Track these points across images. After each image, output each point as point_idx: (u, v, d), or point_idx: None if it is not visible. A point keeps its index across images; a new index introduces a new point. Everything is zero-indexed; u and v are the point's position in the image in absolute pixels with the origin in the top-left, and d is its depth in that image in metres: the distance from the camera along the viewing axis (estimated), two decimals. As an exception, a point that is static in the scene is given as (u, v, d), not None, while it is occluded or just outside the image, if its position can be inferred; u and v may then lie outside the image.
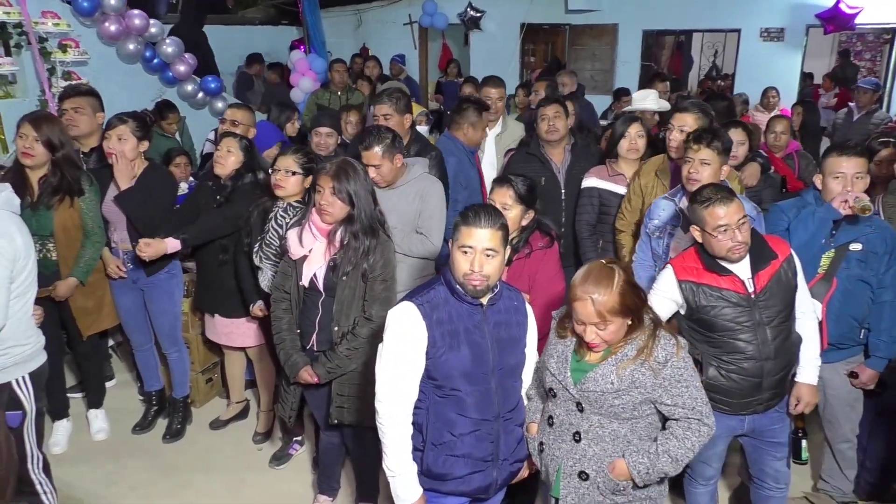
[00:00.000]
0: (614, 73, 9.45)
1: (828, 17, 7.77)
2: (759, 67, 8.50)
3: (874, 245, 2.93)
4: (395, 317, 2.27)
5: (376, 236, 2.89)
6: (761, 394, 2.64)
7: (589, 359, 2.22)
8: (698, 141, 3.06)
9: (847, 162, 2.92)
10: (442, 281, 2.32)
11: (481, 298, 2.29)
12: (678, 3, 8.68)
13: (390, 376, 2.25)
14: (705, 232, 2.57)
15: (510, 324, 2.37)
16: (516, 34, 9.70)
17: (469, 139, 4.25)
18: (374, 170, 3.31)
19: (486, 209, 2.24)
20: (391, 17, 10.64)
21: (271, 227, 3.35)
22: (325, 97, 6.96)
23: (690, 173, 3.06)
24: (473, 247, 2.19)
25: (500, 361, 2.33)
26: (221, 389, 4.42)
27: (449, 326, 2.26)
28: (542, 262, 3.02)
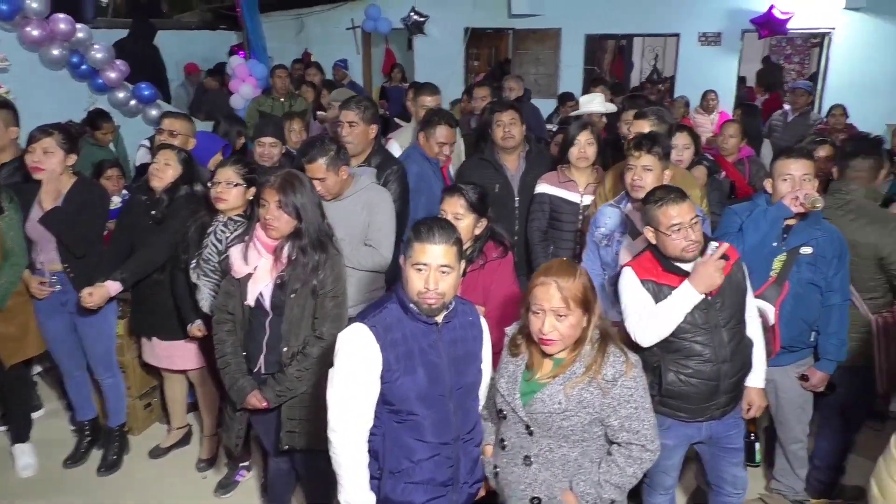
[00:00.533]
0: (558, 77, 9.51)
1: (762, 22, 7.98)
2: (698, 71, 8.68)
3: (823, 249, 2.97)
4: (346, 340, 2.15)
5: (325, 251, 2.76)
6: (718, 398, 2.65)
7: (539, 377, 2.15)
8: (639, 147, 3.09)
9: (794, 164, 2.95)
10: (394, 299, 2.21)
11: (436, 317, 2.20)
12: (619, 8, 8.79)
13: (343, 403, 2.13)
14: (659, 232, 2.58)
15: (466, 340, 2.29)
16: (460, 39, 9.67)
17: (433, 152, 4.03)
18: (318, 183, 3.18)
19: (438, 223, 2.15)
20: (334, 22, 10.47)
21: (210, 242, 3.19)
22: (268, 104, 6.77)
23: (634, 180, 3.09)
24: (428, 264, 2.09)
25: (458, 381, 2.24)
26: (161, 415, 4.19)
27: (403, 347, 2.15)
28: (497, 273, 2.96)
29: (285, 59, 9.65)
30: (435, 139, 3.95)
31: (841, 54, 8.09)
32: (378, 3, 9.75)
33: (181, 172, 3.44)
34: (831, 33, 8.10)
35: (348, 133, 3.76)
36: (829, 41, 8.19)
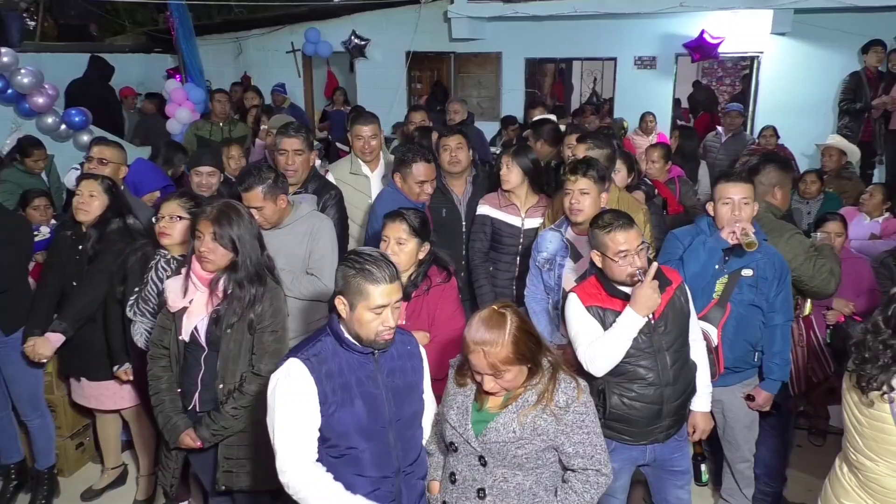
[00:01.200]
0: (500, 100, 9.60)
1: (694, 46, 8.24)
2: (635, 93, 8.89)
3: (764, 270, 3.03)
4: (281, 377, 2.08)
5: (263, 283, 2.68)
6: (662, 421, 2.66)
7: (490, 406, 2.12)
8: (574, 172, 3.13)
9: (734, 188, 3.00)
10: (328, 332, 2.16)
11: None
12: (558, 33, 8.95)
13: (289, 442, 2.06)
14: (606, 257, 2.59)
15: (405, 370, 2.25)
16: (402, 62, 9.68)
17: (414, 193, 3.64)
18: (256, 212, 3.11)
19: (379, 262, 2.10)
20: (273, 45, 10.35)
21: (150, 279, 3.07)
22: (206, 129, 6.62)
23: (572, 204, 3.13)
24: (386, 304, 2.07)
25: (398, 412, 2.20)
26: (94, 454, 3.99)
27: (340, 380, 2.10)
28: (442, 298, 2.95)
29: (224, 82, 9.49)
30: (413, 179, 3.61)
31: (770, 77, 8.41)
32: (318, 27, 9.69)
33: (108, 203, 3.30)
34: (760, 57, 8.42)
35: (293, 162, 3.70)
36: (758, 64, 8.51)
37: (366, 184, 4.15)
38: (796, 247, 3.24)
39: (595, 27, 8.74)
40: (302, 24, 10.00)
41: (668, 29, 8.54)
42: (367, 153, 4.14)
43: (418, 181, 3.60)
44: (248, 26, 10.46)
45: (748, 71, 9.26)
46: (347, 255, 2.16)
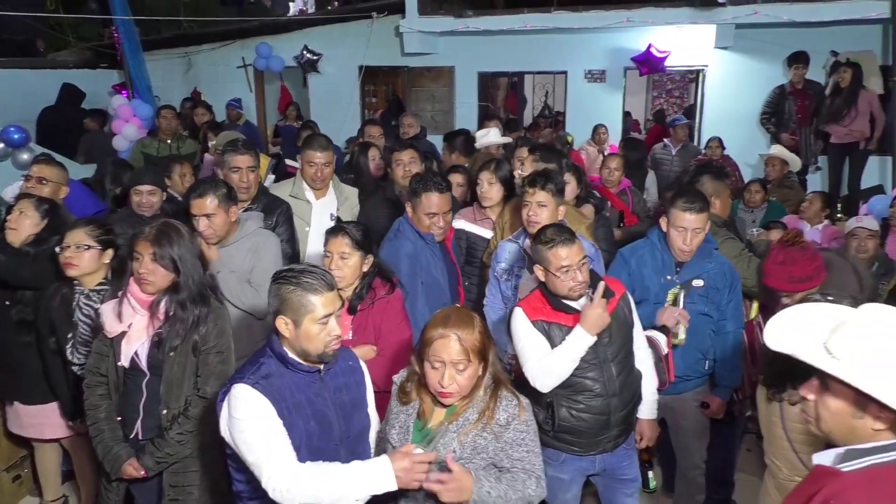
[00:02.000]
0: (454, 113, 9.64)
1: (641, 60, 8.41)
2: (586, 106, 9.03)
3: (715, 280, 3.10)
4: (232, 405, 2.02)
5: (207, 304, 2.63)
6: (609, 431, 2.69)
7: (432, 425, 2.12)
8: (532, 184, 3.16)
9: (691, 217, 3.02)
10: (269, 353, 2.12)
11: (320, 364, 2.14)
12: (509, 47, 9.04)
13: (272, 455, 1.97)
14: (548, 272, 2.62)
15: (350, 386, 2.24)
16: (355, 76, 9.66)
17: (424, 226, 3.37)
18: (205, 221, 3.08)
19: (314, 272, 2.09)
20: (223, 60, 10.23)
21: (78, 321, 2.96)
22: (153, 146, 6.49)
23: (530, 216, 3.15)
24: (331, 313, 2.07)
25: (347, 429, 2.18)
26: (32, 487, 3.83)
27: (291, 400, 2.06)
28: (387, 311, 2.92)
29: (173, 98, 9.32)
30: (423, 210, 3.33)
31: (715, 89, 8.63)
32: (269, 42, 9.61)
33: (44, 224, 3.18)
34: (705, 70, 8.64)
35: (247, 179, 3.65)
36: (703, 77, 8.72)
37: (306, 210, 3.94)
38: (729, 250, 3.35)
39: (546, 41, 8.85)
40: (253, 39, 9.91)
41: (617, 43, 8.70)
42: (318, 181, 3.94)
43: (428, 212, 3.33)
44: (197, 41, 10.31)
45: (694, 84, 9.50)
46: (278, 273, 2.12)
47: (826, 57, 7.70)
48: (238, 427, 2.00)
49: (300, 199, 3.93)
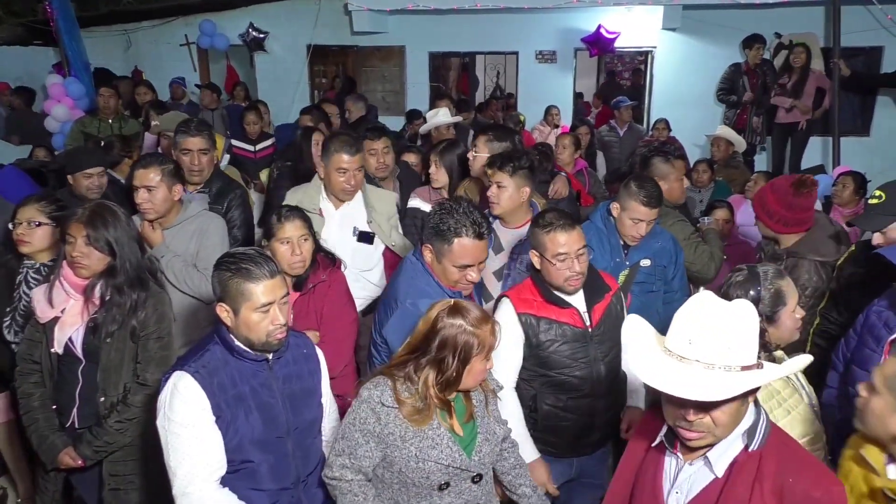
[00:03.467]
0: (405, 94, 9.54)
1: (591, 41, 8.44)
2: (538, 87, 9.04)
3: (661, 258, 3.13)
4: (169, 393, 1.95)
5: (146, 288, 2.53)
6: (592, 434, 2.65)
7: (457, 422, 2.07)
8: (492, 165, 3.11)
9: (646, 211, 3.01)
10: (216, 340, 2.04)
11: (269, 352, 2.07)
12: (460, 27, 8.97)
13: (187, 465, 1.92)
14: (544, 258, 2.50)
15: (301, 375, 2.17)
16: (303, 56, 9.45)
17: (446, 277, 2.53)
18: (145, 193, 2.96)
19: (256, 259, 2.00)
20: (165, 38, 9.88)
21: (21, 294, 2.84)
22: (94, 125, 6.25)
23: (490, 196, 3.11)
24: (272, 301, 1.98)
25: (296, 420, 2.11)
26: (-32, 481, 3.67)
27: (233, 391, 2.00)
28: (328, 295, 2.84)
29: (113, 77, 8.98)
30: (453, 260, 2.46)
31: (663, 71, 8.73)
32: (213, 19, 9.31)
33: None
34: (653, 51, 8.73)
35: (198, 161, 3.51)
36: (651, 59, 8.82)
37: (317, 224, 3.19)
38: (678, 233, 3.38)
39: (497, 21, 8.81)
40: (196, 16, 9.58)
41: (567, 24, 8.71)
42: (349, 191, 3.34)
43: (460, 264, 2.46)
44: (137, 18, 9.92)
45: (643, 65, 9.59)
46: (220, 258, 2.04)
47: (770, 39, 7.86)
48: (169, 427, 1.95)
49: (311, 213, 3.15)
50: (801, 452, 1.66)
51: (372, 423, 1.95)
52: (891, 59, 7.67)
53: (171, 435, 1.94)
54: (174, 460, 1.95)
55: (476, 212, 2.42)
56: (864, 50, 7.87)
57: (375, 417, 1.95)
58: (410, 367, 1.98)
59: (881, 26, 7.62)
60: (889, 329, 2.29)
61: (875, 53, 7.90)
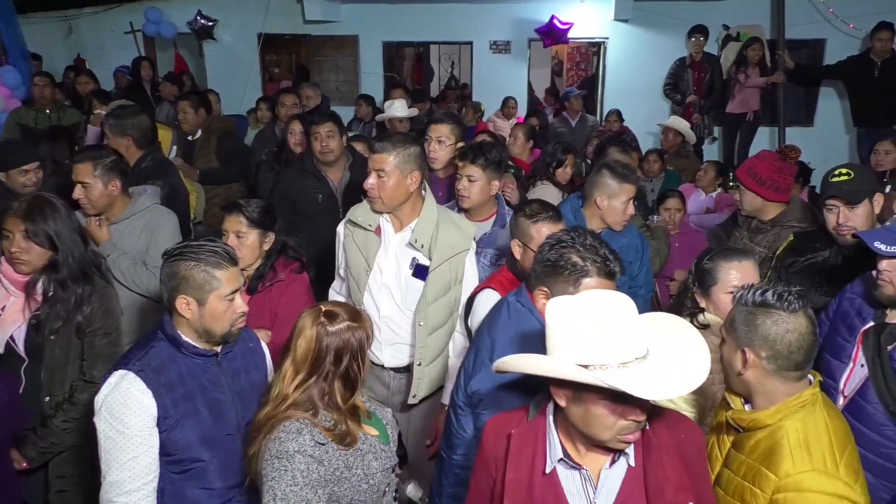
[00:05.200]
0: (359, 84, 9.43)
1: (545, 31, 8.47)
2: (492, 77, 9.05)
3: (627, 254, 3.14)
4: (110, 393, 1.87)
5: (90, 282, 2.45)
6: None
7: (369, 430, 2.02)
8: (463, 158, 3.11)
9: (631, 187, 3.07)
10: (161, 336, 1.98)
11: (217, 346, 2.03)
12: (414, 16, 8.90)
13: (119, 469, 1.86)
14: (527, 248, 2.48)
15: (249, 369, 2.14)
16: (254, 45, 9.26)
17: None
18: (80, 189, 2.87)
19: (215, 247, 1.98)
20: (109, 25, 9.54)
21: None
22: (31, 117, 6.02)
23: (459, 190, 3.11)
24: (237, 289, 1.99)
25: (245, 415, 2.06)
26: None
27: (181, 389, 1.94)
28: (286, 293, 2.77)
29: (55, 65, 8.67)
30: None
31: (615, 62, 8.82)
32: (159, 6, 9.04)
33: None
34: (606, 42, 8.82)
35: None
36: (604, 49, 8.91)
37: (372, 244, 2.77)
38: None
39: (451, 11, 8.78)
40: (141, 3, 9.29)
41: (521, 14, 8.73)
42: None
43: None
44: (78, 3, 9.56)
45: (596, 56, 9.69)
46: (175, 250, 1.98)
47: (719, 31, 8.02)
48: (104, 430, 1.89)
49: (366, 229, 2.77)
50: (667, 411, 1.73)
51: (315, 470, 1.75)
52: (833, 52, 7.90)
53: (105, 438, 1.89)
54: (104, 464, 1.90)
55: (603, 245, 1.99)
56: (808, 42, 8.09)
57: (317, 462, 1.76)
58: (314, 393, 1.80)
59: (824, 19, 7.86)
60: (862, 319, 2.28)
61: (818, 46, 8.13)
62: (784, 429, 1.69)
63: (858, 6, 7.62)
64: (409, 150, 2.64)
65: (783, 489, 1.63)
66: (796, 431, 1.69)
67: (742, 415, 1.77)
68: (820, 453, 1.65)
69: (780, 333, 1.68)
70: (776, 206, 3.16)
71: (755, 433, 1.75)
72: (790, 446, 1.66)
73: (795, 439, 1.67)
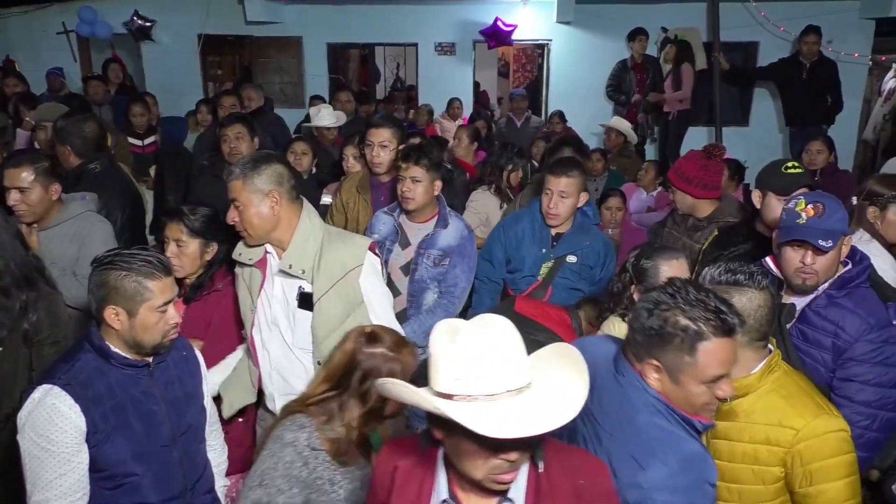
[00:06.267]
0: (304, 86, 9.32)
1: (489, 33, 8.52)
2: (438, 79, 9.06)
3: (588, 258, 3.21)
4: (34, 410, 1.80)
5: (35, 288, 2.36)
6: None
7: None
8: (406, 160, 3.10)
9: (560, 180, 3.15)
10: (87, 348, 1.91)
11: (150, 356, 1.97)
12: (359, 18, 8.85)
13: (41, 490, 1.80)
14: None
15: (183, 377, 2.09)
16: (194, 45, 9.05)
17: None
18: (17, 195, 2.79)
19: (148, 255, 1.93)
20: (41, 25, 9.19)
21: None
22: (-49, 121, 5.74)
23: (404, 192, 3.10)
24: (170, 300, 1.93)
25: (180, 425, 2.03)
26: None
27: (111, 402, 1.88)
28: (222, 304, 2.70)
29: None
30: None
31: (559, 63, 8.94)
32: (93, 6, 8.74)
33: None
34: (549, 44, 8.93)
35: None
36: (548, 52, 9.02)
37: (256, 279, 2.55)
38: None
39: (395, 12, 8.76)
40: (74, 2, 8.96)
41: (465, 16, 8.77)
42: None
43: (709, 378, 1.84)
44: (6, 3, 9.17)
45: (540, 58, 9.79)
46: (105, 258, 1.92)
47: (657, 33, 8.21)
48: (28, 448, 1.82)
49: (248, 265, 2.56)
50: (567, 449, 1.58)
51: (298, 469, 1.77)
52: (766, 54, 8.18)
53: (30, 457, 1.82)
54: (30, 484, 1.84)
55: (711, 295, 1.65)
56: (742, 45, 8.36)
57: (302, 462, 1.78)
58: (334, 405, 1.85)
59: (756, 22, 8.13)
60: None
61: (752, 48, 8.41)
62: (773, 389, 1.85)
63: (788, 10, 7.92)
64: (262, 171, 2.33)
65: (803, 439, 1.78)
66: (784, 387, 1.86)
67: (735, 383, 1.79)
68: (812, 400, 1.85)
69: (753, 309, 1.80)
70: (709, 204, 3.25)
71: (742, 400, 1.86)
72: (790, 401, 1.83)
73: (787, 393, 1.84)
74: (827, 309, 2.24)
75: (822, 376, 2.22)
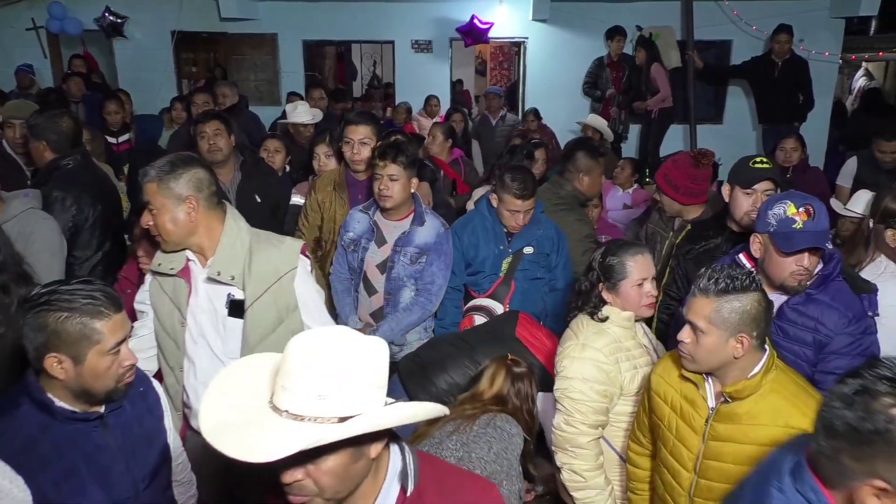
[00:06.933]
0: (279, 83, 9.24)
1: (465, 30, 8.53)
2: (415, 76, 9.04)
3: (543, 246, 3.24)
4: None
5: (31, 282, 2.23)
6: None
7: None
8: (383, 157, 3.07)
9: (520, 203, 3.14)
10: (26, 401, 1.65)
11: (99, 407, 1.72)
12: (335, 15, 8.79)
13: None
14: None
15: (142, 417, 1.87)
16: (168, 42, 8.93)
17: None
18: None
19: (94, 291, 1.65)
20: (9, 21, 9.00)
21: None
22: (-80, 118, 5.57)
23: (381, 189, 3.08)
24: (123, 340, 1.69)
25: (141, 472, 1.82)
26: None
27: (60, 466, 1.64)
28: None
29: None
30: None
31: (535, 61, 8.97)
32: (63, 2, 8.59)
33: None
34: (525, 42, 8.95)
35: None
36: (524, 49, 9.04)
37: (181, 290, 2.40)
38: (575, 231, 3.52)
39: (372, 9, 8.72)
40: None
41: (441, 13, 8.76)
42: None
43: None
44: (-27, -2, 8.99)
45: (518, 56, 9.81)
46: (40, 296, 1.62)
47: (633, 31, 8.26)
48: None
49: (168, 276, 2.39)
50: (452, 472, 1.50)
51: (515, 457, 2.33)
52: (739, 52, 8.28)
53: None
54: None
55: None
56: (716, 43, 8.45)
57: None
58: None
59: (729, 21, 8.22)
60: None
61: (725, 47, 8.51)
62: (774, 389, 1.86)
63: (760, 9, 8.03)
64: (179, 175, 2.19)
65: None
66: (784, 387, 1.87)
67: (738, 386, 1.86)
68: (813, 398, 1.83)
69: (761, 312, 1.83)
70: (696, 207, 3.28)
71: (743, 402, 1.87)
72: (793, 401, 1.84)
73: (788, 394, 1.86)
74: (806, 305, 2.26)
75: (804, 371, 2.23)
